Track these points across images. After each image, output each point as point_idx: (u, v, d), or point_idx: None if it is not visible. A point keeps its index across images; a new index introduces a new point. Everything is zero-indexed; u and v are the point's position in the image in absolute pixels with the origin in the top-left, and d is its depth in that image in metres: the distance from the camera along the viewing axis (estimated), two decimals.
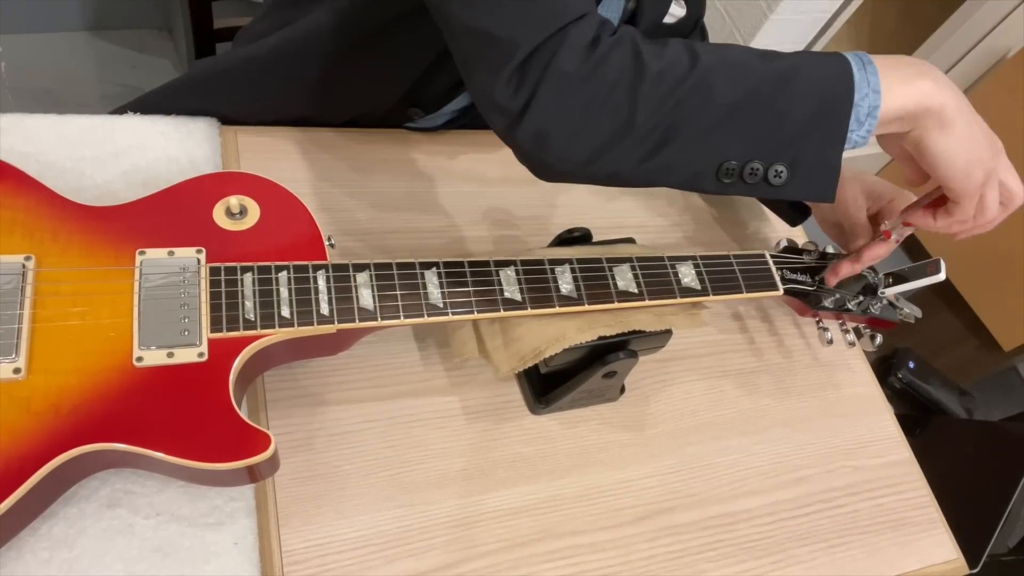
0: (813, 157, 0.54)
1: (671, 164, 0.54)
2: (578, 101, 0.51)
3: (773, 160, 0.53)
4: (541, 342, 0.62)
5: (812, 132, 0.53)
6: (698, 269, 0.68)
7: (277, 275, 0.57)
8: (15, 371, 0.49)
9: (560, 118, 0.52)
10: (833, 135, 0.53)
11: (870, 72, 0.54)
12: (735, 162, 0.53)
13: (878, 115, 0.54)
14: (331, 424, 0.63)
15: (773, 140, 0.53)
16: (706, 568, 0.68)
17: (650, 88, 0.51)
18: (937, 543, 0.78)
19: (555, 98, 0.51)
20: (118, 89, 1.70)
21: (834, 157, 0.54)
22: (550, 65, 0.51)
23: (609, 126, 0.52)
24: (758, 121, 0.53)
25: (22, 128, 0.68)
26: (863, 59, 0.54)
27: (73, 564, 0.52)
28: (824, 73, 0.54)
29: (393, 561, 0.59)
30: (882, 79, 0.53)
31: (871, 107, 0.54)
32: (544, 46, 0.51)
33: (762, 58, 0.54)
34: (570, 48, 0.51)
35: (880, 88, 0.53)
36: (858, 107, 0.53)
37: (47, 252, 0.54)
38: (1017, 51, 1.97)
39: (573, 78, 0.51)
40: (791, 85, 0.53)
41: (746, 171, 0.54)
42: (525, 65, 0.51)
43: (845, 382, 0.86)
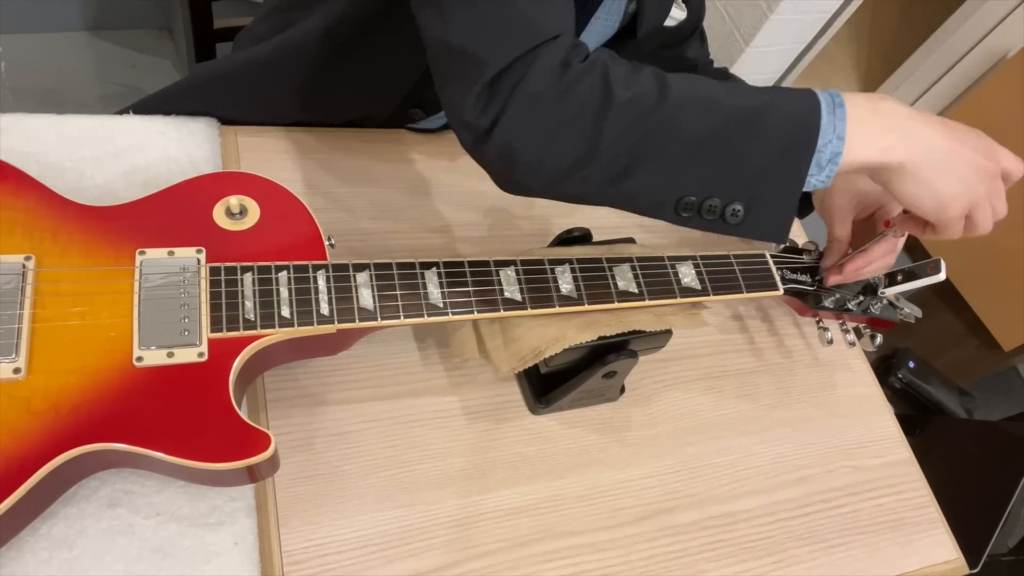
0: (770, 199, 0.54)
1: (632, 192, 0.54)
2: (545, 123, 0.51)
3: (731, 199, 0.53)
4: (541, 342, 0.62)
5: (772, 174, 0.53)
6: (698, 269, 0.68)
7: (277, 275, 0.57)
8: (15, 371, 0.49)
9: (527, 138, 0.52)
10: (792, 179, 0.53)
11: (839, 116, 0.53)
12: (694, 197, 0.53)
13: (839, 162, 0.53)
14: (331, 424, 0.63)
15: (733, 179, 0.53)
16: (706, 568, 0.68)
17: (616, 116, 0.51)
18: (937, 543, 0.78)
19: (523, 118, 0.51)
20: (118, 89, 1.70)
21: (789, 201, 0.54)
22: (519, 85, 0.51)
23: (574, 150, 0.52)
24: (720, 159, 0.53)
25: (22, 128, 0.68)
26: (835, 101, 0.54)
27: (73, 564, 0.52)
28: (793, 115, 0.53)
29: (393, 561, 0.59)
30: (849, 126, 0.53)
31: (833, 154, 0.53)
32: (514, 65, 0.51)
33: (733, 94, 0.54)
34: (540, 69, 0.51)
35: (845, 135, 0.53)
36: (820, 152, 0.53)
37: (47, 252, 0.54)
38: (1017, 51, 1.97)
39: (541, 99, 0.51)
40: (756, 125, 0.52)
41: (704, 207, 0.53)
42: (495, 83, 0.51)
43: (845, 382, 0.86)
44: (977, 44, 2.00)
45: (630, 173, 0.53)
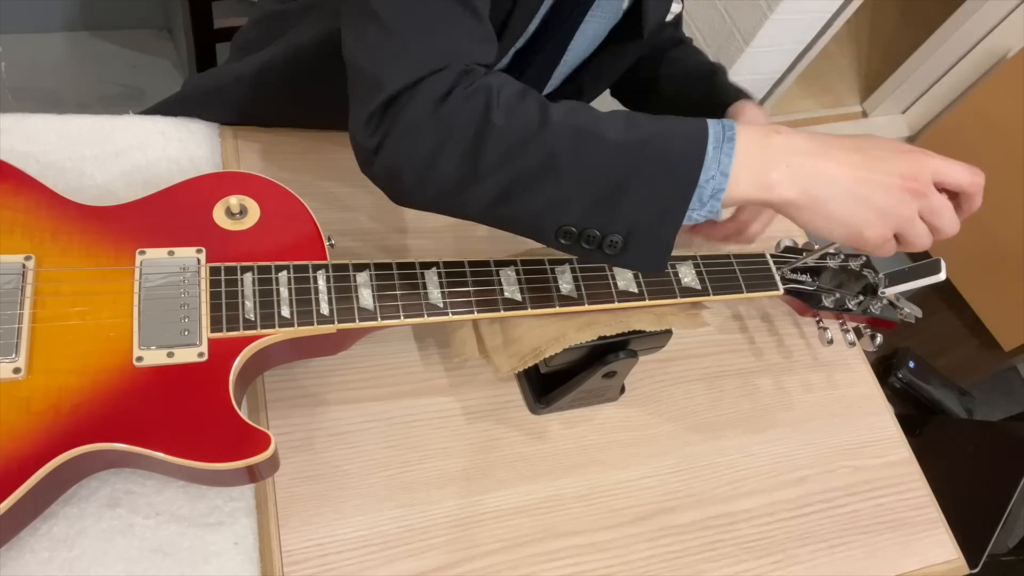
0: (647, 233, 0.53)
1: (513, 216, 0.55)
2: (422, 149, 0.53)
3: (609, 230, 0.53)
4: (541, 342, 0.62)
5: (650, 208, 0.53)
6: (698, 269, 0.68)
7: (277, 275, 0.57)
8: (15, 371, 0.49)
9: (406, 162, 0.53)
10: (671, 214, 0.53)
11: (725, 152, 0.52)
12: (573, 227, 0.53)
13: (722, 198, 0.53)
14: (331, 424, 0.63)
15: (610, 210, 0.53)
16: (706, 568, 0.68)
17: (493, 144, 0.52)
18: (937, 543, 0.78)
19: (401, 145, 0.53)
20: (118, 89, 1.70)
21: (668, 235, 0.53)
22: (402, 112, 0.52)
23: (453, 174, 0.53)
24: (597, 190, 0.52)
25: (22, 128, 0.68)
26: (725, 134, 0.53)
27: (73, 564, 0.52)
28: (674, 149, 0.52)
29: (393, 561, 0.59)
30: (735, 163, 0.52)
31: (715, 190, 0.53)
32: (403, 93, 0.52)
33: (617, 126, 0.53)
34: (419, 101, 0.52)
35: (729, 172, 0.52)
36: (702, 188, 0.52)
37: (47, 252, 0.54)
38: (1017, 51, 1.97)
39: (417, 129, 0.52)
40: (635, 159, 0.52)
41: (584, 236, 0.54)
42: (384, 108, 0.53)
43: (845, 382, 0.86)
44: (977, 44, 2.00)
45: (509, 199, 0.53)
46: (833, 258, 0.78)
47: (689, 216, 0.53)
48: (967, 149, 2.05)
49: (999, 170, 1.98)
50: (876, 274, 0.78)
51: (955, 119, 2.09)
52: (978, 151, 2.02)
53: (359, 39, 0.55)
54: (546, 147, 0.52)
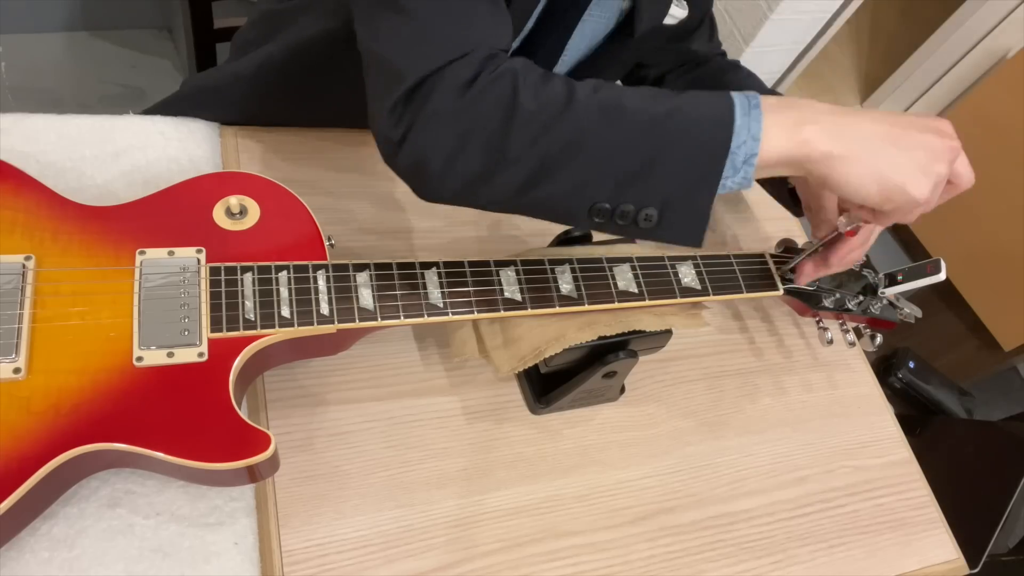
0: (683, 203, 0.53)
1: (544, 200, 0.54)
2: (449, 138, 0.52)
3: (643, 204, 0.53)
4: (541, 342, 0.62)
5: (683, 178, 0.53)
6: (698, 269, 0.68)
7: (277, 275, 0.57)
8: (15, 371, 0.49)
9: (433, 152, 0.53)
10: (705, 182, 0.53)
11: (753, 118, 0.52)
12: (607, 204, 0.53)
13: (755, 163, 0.53)
14: (331, 424, 0.63)
15: (643, 184, 0.52)
16: (706, 568, 0.68)
17: (521, 127, 0.52)
18: (937, 543, 0.78)
19: (428, 134, 0.52)
20: (118, 89, 1.70)
21: (704, 204, 0.53)
22: (428, 100, 0.52)
23: (481, 162, 0.53)
24: (629, 164, 0.52)
25: (22, 128, 0.68)
26: (751, 102, 0.53)
27: (73, 564, 0.52)
28: (702, 118, 0.53)
29: (393, 561, 0.59)
30: (765, 125, 0.52)
31: (748, 155, 0.52)
32: (427, 81, 0.52)
33: (643, 99, 0.53)
34: (444, 87, 0.52)
35: (760, 135, 0.52)
36: (734, 154, 0.52)
37: (47, 252, 0.54)
38: (1017, 51, 1.97)
39: (444, 116, 0.52)
40: (666, 130, 0.52)
41: (617, 213, 0.53)
42: (408, 97, 0.52)
43: (845, 382, 0.86)
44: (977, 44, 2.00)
45: (539, 182, 0.53)
46: None
47: (723, 184, 0.53)
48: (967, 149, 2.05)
49: (999, 170, 1.98)
50: (876, 274, 0.78)
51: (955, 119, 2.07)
52: (978, 151, 2.02)
53: (377, 29, 0.54)
54: (575, 126, 0.52)
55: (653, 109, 0.53)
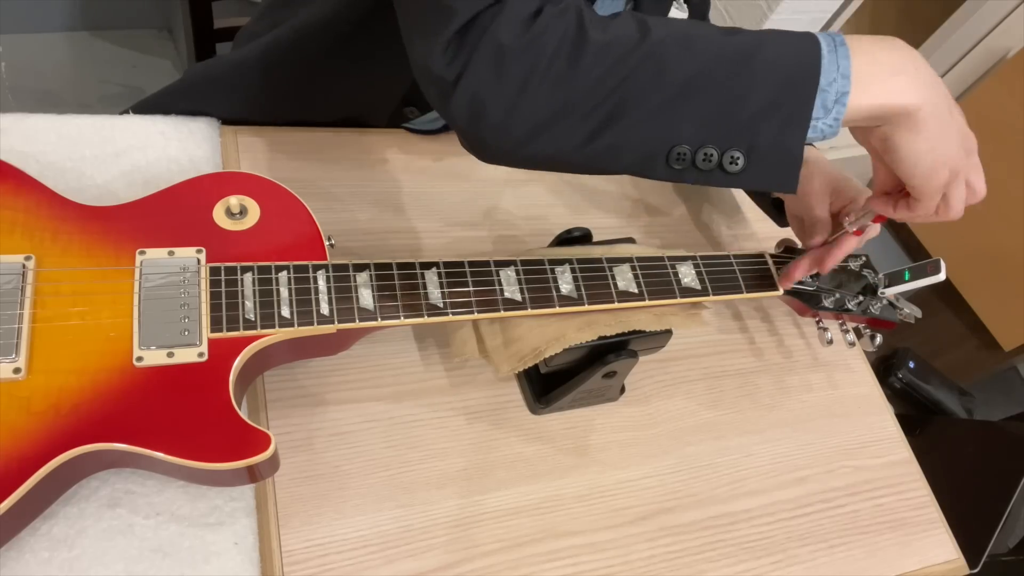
0: (772, 144, 0.49)
1: (617, 145, 0.50)
2: (515, 73, 0.48)
3: (728, 145, 0.49)
4: (541, 342, 0.62)
5: (772, 116, 0.49)
6: (698, 269, 0.68)
7: (277, 275, 0.57)
8: (15, 371, 0.49)
9: (496, 90, 0.48)
10: (795, 120, 0.49)
11: (841, 55, 0.49)
12: (687, 146, 0.49)
13: (847, 102, 0.49)
14: (331, 424, 0.63)
15: (728, 123, 0.49)
16: (706, 568, 0.68)
17: (593, 61, 0.48)
18: (937, 543, 0.78)
19: (491, 69, 0.48)
20: (118, 89, 1.70)
21: (795, 145, 0.49)
22: (486, 34, 0.47)
23: (549, 101, 0.48)
24: (712, 101, 0.49)
25: (22, 128, 0.68)
26: (836, 40, 0.49)
27: (73, 564, 0.52)
28: (790, 52, 0.49)
29: (393, 561, 0.59)
30: (855, 67, 0.49)
31: (839, 93, 0.49)
32: (483, 14, 0.48)
33: (722, 33, 0.50)
34: (509, 17, 0.47)
35: (850, 73, 0.49)
36: (824, 92, 0.49)
37: (47, 252, 0.54)
38: (1017, 51, 1.97)
39: (509, 49, 0.47)
40: (751, 63, 0.48)
41: (699, 156, 0.49)
42: (462, 33, 0.48)
43: (845, 382, 0.86)
44: (977, 44, 2.00)
45: (612, 124, 0.49)
46: None
47: (814, 126, 0.49)
48: None
49: (999, 170, 1.98)
50: (876, 274, 0.78)
51: None
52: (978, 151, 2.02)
53: None
54: (650, 58, 0.48)
55: (735, 42, 0.49)
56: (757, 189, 0.52)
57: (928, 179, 0.53)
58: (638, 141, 0.50)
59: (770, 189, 0.52)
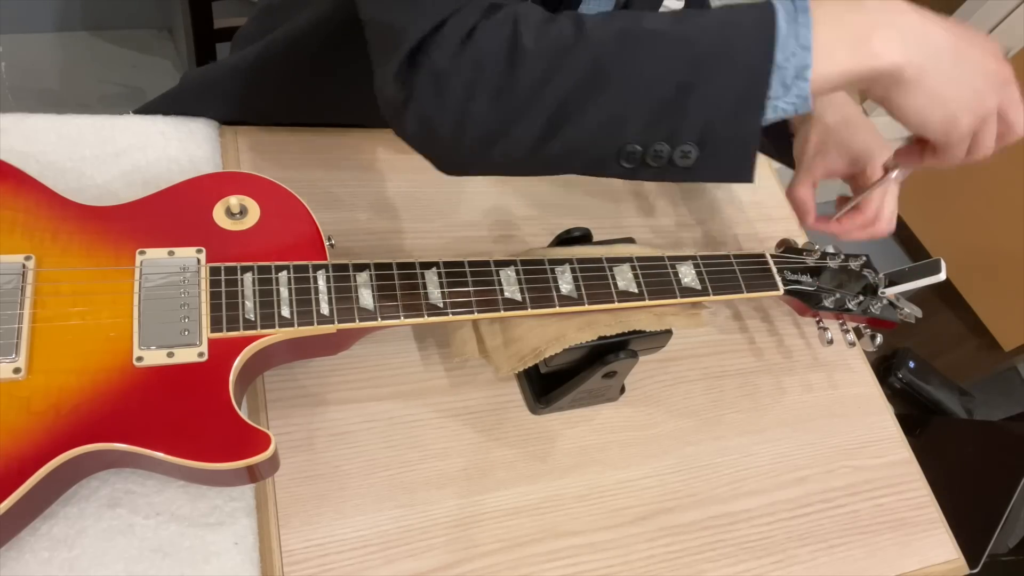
0: (724, 133, 0.47)
1: (566, 149, 0.49)
2: (456, 92, 0.48)
3: (678, 140, 0.46)
4: (541, 342, 0.62)
5: (722, 104, 0.46)
6: (698, 269, 0.68)
7: (277, 275, 0.57)
8: (15, 371, 0.49)
9: (441, 111, 0.49)
10: (748, 106, 0.46)
11: (802, 23, 0.45)
12: (637, 144, 0.47)
13: (809, 77, 0.45)
14: (331, 424, 0.63)
15: (675, 115, 0.46)
16: (706, 568, 0.68)
17: (528, 69, 0.47)
18: (937, 543, 0.78)
19: (432, 92, 0.48)
20: (118, 89, 1.70)
21: (749, 131, 0.47)
22: (427, 61, 0.48)
23: (492, 114, 0.48)
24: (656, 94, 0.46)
25: (22, 128, 0.68)
26: (796, 6, 0.46)
27: (73, 564, 0.52)
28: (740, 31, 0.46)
29: (393, 561, 0.59)
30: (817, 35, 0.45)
31: (799, 67, 0.45)
32: (425, 41, 0.48)
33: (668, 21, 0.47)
34: (444, 40, 0.48)
35: (811, 43, 0.45)
36: (782, 69, 0.45)
37: (47, 252, 0.54)
38: (1017, 51, 1.96)
39: (446, 71, 0.48)
40: (696, 49, 0.45)
41: (650, 154, 0.47)
42: (411, 60, 0.49)
43: (845, 382, 0.86)
44: None
45: (558, 129, 0.48)
46: (833, 258, 0.78)
47: (775, 106, 0.46)
48: None
49: (999, 170, 1.98)
50: (876, 274, 0.78)
51: None
52: None
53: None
54: (588, 58, 0.46)
55: (680, 29, 0.47)
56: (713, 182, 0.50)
57: (945, 132, 0.50)
58: (586, 143, 0.49)
59: (725, 180, 0.49)
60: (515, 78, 0.47)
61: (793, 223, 0.96)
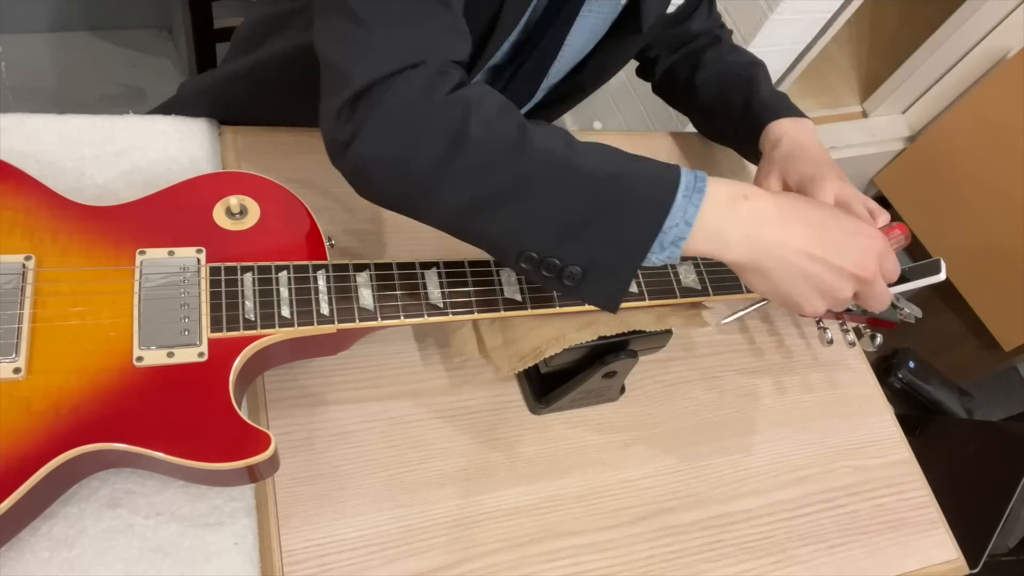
0: (606, 269, 0.53)
1: (478, 233, 0.54)
2: (395, 147, 0.51)
3: (569, 261, 0.53)
4: (541, 342, 0.62)
5: (612, 244, 0.52)
6: (698, 269, 0.68)
7: (277, 275, 0.57)
8: (15, 371, 0.49)
9: (377, 158, 0.52)
10: (631, 253, 0.53)
11: (693, 202, 0.52)
12: (535, 253, 0.53)
13: (681, 247, 0.53)
14: (331, 424, 0.63)
15: (573, 242, 0.52)
16: (706, 568, 0.68)
17: (468, 155, 0.51)
18: (937, 543, 0.78)
19: (374, 140, 0.52)
20: (118, 89, 1.70)
21: (626, 274, 0.53)
22: (376, 106, 0.51)
23: (423, 179, 0.52)
24: (563, 220, 0.52)
25: (22, 128, 0.68)
26: (696, 185, 0.53)
27: (73, 564, 0.52)
28: (646, 190, 0.52)
29: (393, 561, 0.59)
30: (701, 216, 0.52)
31: (677, 237, 0.53)
32: (375, 86, 0.51)
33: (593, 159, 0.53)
34: (395, 93, 0.51)
35: (694, 222, 0.52)
36: (664, 234, 0.52)
37: (47, 252, 0.54)
38: (1017, 51, 1.96)
39: (393, 123, 0.51)
40: (605, 194, 0.52)
41: (544, 264, 0.53)
42: (355, 101, 0.52)
43: (845, 382, 0.86)
44: (977, 44, 2.00)
45: (476, 214, 0.53)
46: None
47: (648, 258, 0.53)
48: (967, 149, 2.05)
49: (999, 170, 1.98)
50: None
51: (955, 119, 2.09)
52: (978, 151, 2.02)
53: (329, 32, 0.54)
54: (520, 169, 0.51)
55: (599, 170, 0.52)
56: (587, 304, 0.56)
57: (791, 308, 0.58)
58: (495, 235, 0.54)
59: (595, 305, 0.55)
60: (454, 158, 0.51)
61: None
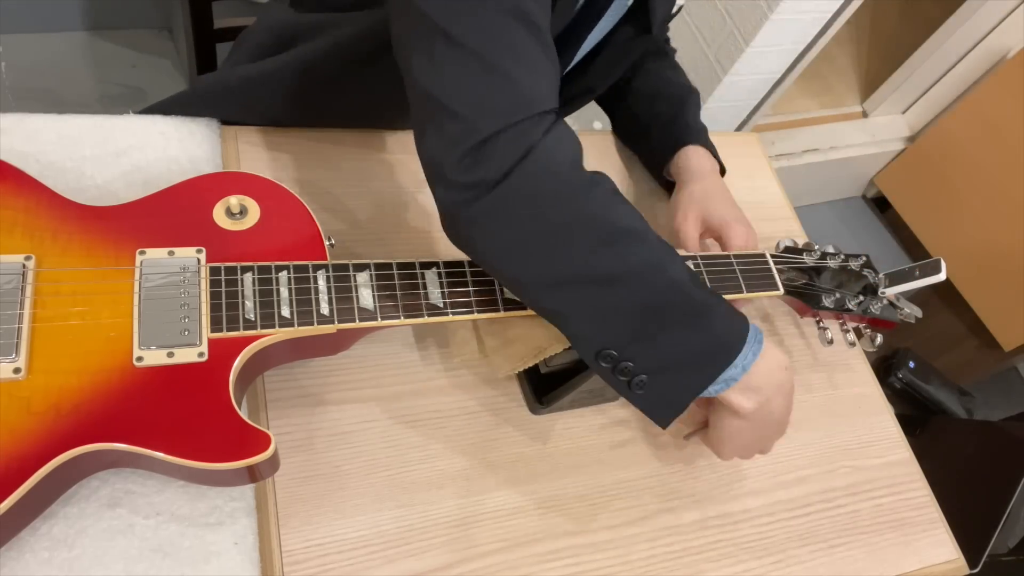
0: (671, 387, 0.56)
1: (567, 314, 0.56)
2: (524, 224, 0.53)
3: (644, 370, 0.55)
4: (541, 342, 0.62)
5: (684, 368, 0.56)
6: (698, 269, 0.68)
7: (277, 275, 0.57)
8: (15, 371, 0.49)
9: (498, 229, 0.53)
10: (697, 381, 0.56)
11: (753, 352, 0.56)
12: (615, 352, 0.55)
13: (730, 387, 0.57)
14: (331, 424, 0.63)
15: (657, 354, 0.55)
16: (706, 568, 0.68)
17: (581, 233, 0.53)
18: (937, 543, 0.78)
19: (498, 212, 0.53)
20: (118, 89, 1.70)
21: (685, 398, 0.56)
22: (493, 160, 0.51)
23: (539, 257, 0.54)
24: (656, 331, 0.54)
25: (22, 128, 0.68)
26: (757, 337, 0.57)
27: (73, 564, 0.52)
28: (726, 329, 0.56)
29: (393, 561, 0.59)
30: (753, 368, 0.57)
31: (730, 379, 0.56)
32: (504, 133, 0.51)
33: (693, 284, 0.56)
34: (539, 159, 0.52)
35: (750, 368, 0.56)
36: (724, 373, 0.56)
37: (47, 252, 0.54)
38: (1017, 51, 1.96)
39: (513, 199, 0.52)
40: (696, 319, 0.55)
41: (619, 366, 0.55)
42: (482, 148, 0.51)
43: (845, 382, 0.86)
44: (977, 44, 2.00)
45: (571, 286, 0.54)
46: (833, 258, 0.78)
47: (706, 389, 0.57)
48: (967, 149, 2.05)
49: (999, 170, 1.98)
50: (876, 274, 0.78)
51: (955, 119, 2.09)
52: (978, 151, 2.02)
53: (438, 72, 0.53)
54: (624, 261, 0.54)
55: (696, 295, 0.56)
56: (642, 413, 0.58)
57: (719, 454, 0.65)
58: (585, 322, 0.55)
59: (650, 418, 0.58)
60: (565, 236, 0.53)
61: (794, 223, 0.97)
